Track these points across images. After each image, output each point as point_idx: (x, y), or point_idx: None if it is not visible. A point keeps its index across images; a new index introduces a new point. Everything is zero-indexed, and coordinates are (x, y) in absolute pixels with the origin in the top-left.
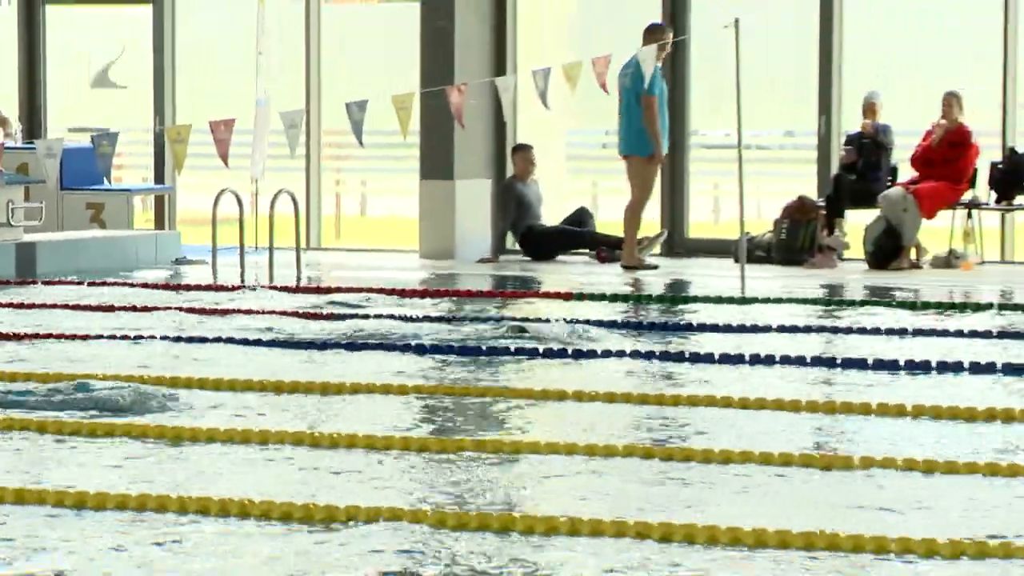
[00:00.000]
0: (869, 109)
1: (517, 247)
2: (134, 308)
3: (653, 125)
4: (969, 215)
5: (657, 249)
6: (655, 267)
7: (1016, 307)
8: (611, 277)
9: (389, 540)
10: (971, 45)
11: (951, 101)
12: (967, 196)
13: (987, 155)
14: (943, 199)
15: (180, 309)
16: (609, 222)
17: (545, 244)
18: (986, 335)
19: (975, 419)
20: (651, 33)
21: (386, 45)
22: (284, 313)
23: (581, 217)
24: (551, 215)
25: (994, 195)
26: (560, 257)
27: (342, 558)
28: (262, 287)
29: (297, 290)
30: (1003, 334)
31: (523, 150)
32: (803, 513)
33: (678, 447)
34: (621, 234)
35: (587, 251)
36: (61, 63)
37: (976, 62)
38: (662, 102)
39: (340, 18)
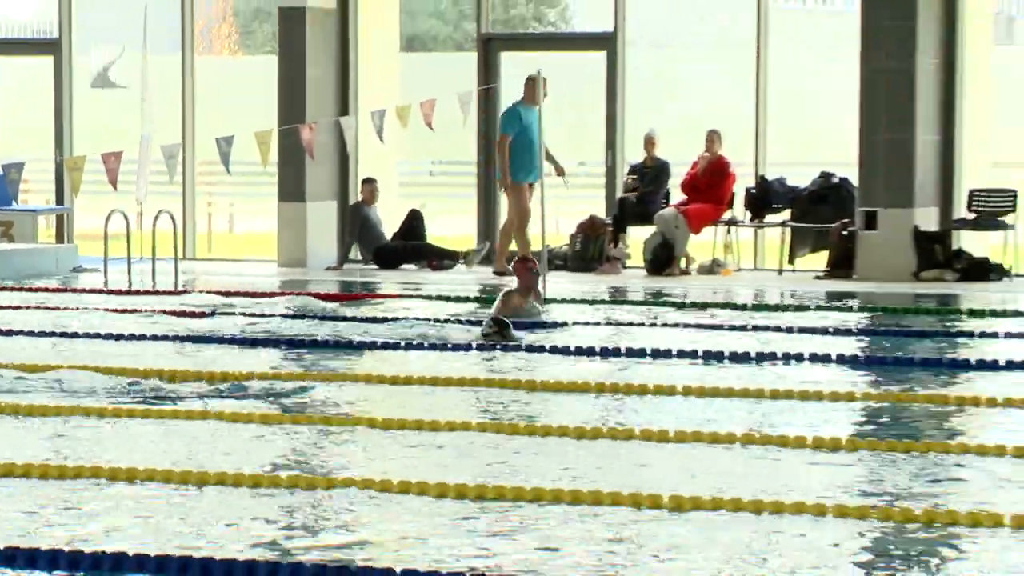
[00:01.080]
0: (649, 143)
1: (358, 257)
2: (40, 308)
3: (502, 160)
4: (728, 231)
5: (479, 260)
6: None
7: (767, 307)
8: (443, 283)
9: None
10: (729, 90)
11: (713, 137)
12: (727, 215)
13: (743, 181)
14: (707, 218)
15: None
16: (438, 237)
17: (391, 258)
18: (743, 328)
19: (732, 395)
20: (528, 84)
21: (249, 90)
22: (164, 312)
23: (413, 221)
24: (387, 230)
25: (748, 214)
26: (402, 266)
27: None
28: (146, 291)
29: (175, 292)
30: (756, 327)
31: (370, 182)
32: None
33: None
34: (456, 247)
35: (423, 261)
36: None
37: (734, 104)
38: (527, 139)
39: (211, 68)
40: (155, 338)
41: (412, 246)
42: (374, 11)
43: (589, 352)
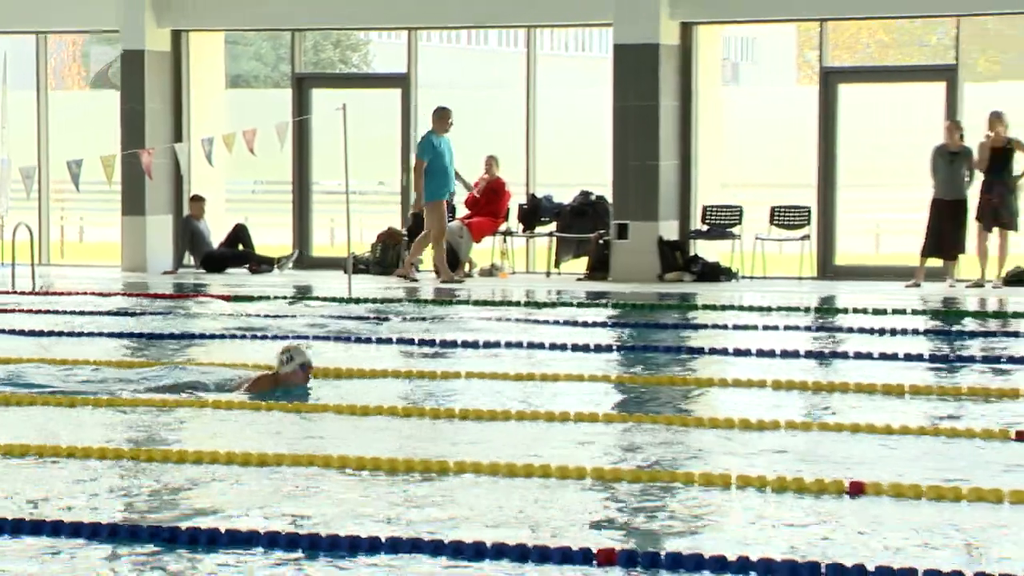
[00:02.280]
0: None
1: (191, 263)
2: None
3: (418, 180)
4: (504, 240)
5: (291, 264)
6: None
7: (536, 304)
8: (261, 285)
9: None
10: (504, 122)
11: (491, 162)
12: (503, 227)
13: (517, 198)
14: (487, 229)
15: None
16: (260, 245)
17: (218, 263)
18: (524, 320)
19: (507, 379)
20: (437, 115)
21: (96, 121)
22: (22, 310)
23: (238, 232)
24: (217, 239)
25: (521, 226)
26: (228, 271)
27: None
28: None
29: (33, 293)
30: (529, 321)
31: (197, 199)
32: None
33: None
34: (281, 254)
35: (246, 266)
36: None
37: (508, 134)
38: (441, 163)
39: (63, 102)
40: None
41: (235, 253)
42: (203, 53)
43: (391, 340)
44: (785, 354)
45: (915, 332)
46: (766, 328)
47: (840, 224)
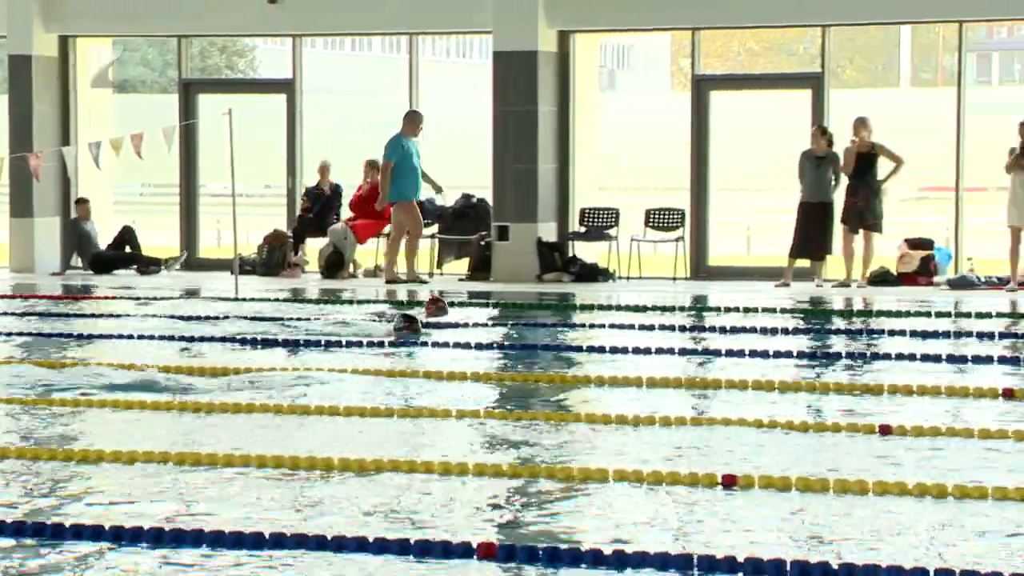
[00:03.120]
0: (323, 170)
1: (79, 264)
2: None
3: (384, 180)
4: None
5: (178, 266)
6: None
7: (421, 303)
8: (149, 287)
9: None
10: (386, 126)
11: (368, 168)
12: (387, 229)
13: None
14: (371, 231)
15: None
16: (147, 247)
17: (106, 264)
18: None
19: (391, 376)
20: (408, 118)
21: None
22: None
23: (125, 234)
24: (103, 241)
25: None
26: (116, 272)
27: None
28: None
29: None
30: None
31: (82, 202)
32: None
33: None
34: (168, 255)
35: (134, 267)
36: None
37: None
38: (409, 164)
39: None
40: None
41: (123, 254)
42: (90, 58)
43: (274, 341)
44: (660, 351)
45: (784, 331)
46: (642, 328)
47: (712, 226)
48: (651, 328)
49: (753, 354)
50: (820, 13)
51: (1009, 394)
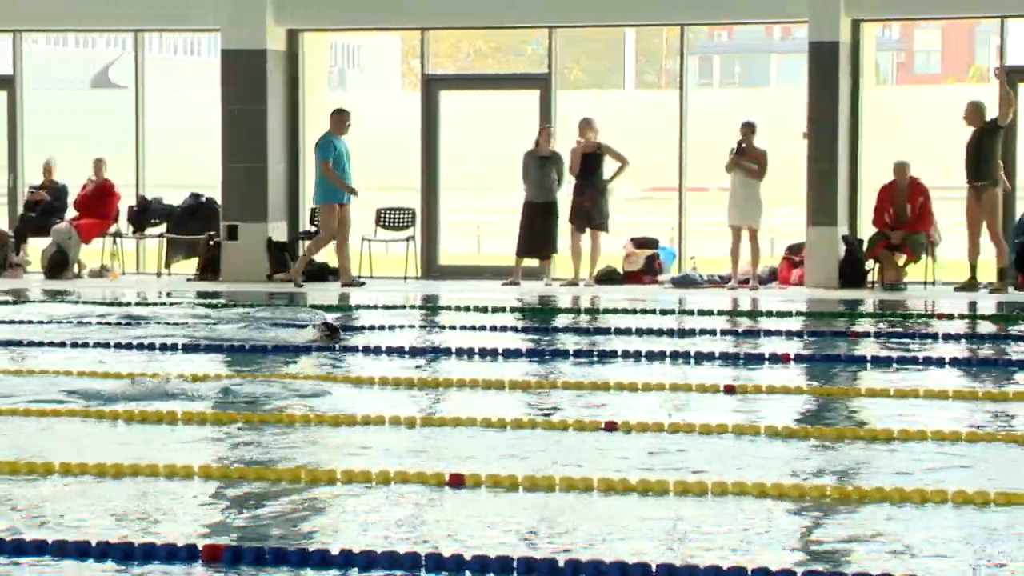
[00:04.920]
0: (46, 170)
1: None
2: None
3: (337, 179)
4: (115, 241)
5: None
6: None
7: (147, 303)
8: None
9: None
10: (111, 124)
11: (99, 164)
12: (113, 228)
13: (127, 200)
14: (96, 230)
15: None
16: None
17: None
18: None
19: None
20: (335, 116)
21: None
22: None
23: None
24: None
25: (131, 228)
26: None
27: None
28: None
29: None
30: (134, 318)
31: None
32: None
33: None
34: None
35: None
36: None
37: (116, 135)
38: (340, 165)
39: None
40: None
41: None
42: None
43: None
44: (391, 351)
45: (513, 329)
46: (372, 328)
47: (443, 225)
48: (383, 328)
49: (483, 353)
50: (546, 15)
51: (731, 389)
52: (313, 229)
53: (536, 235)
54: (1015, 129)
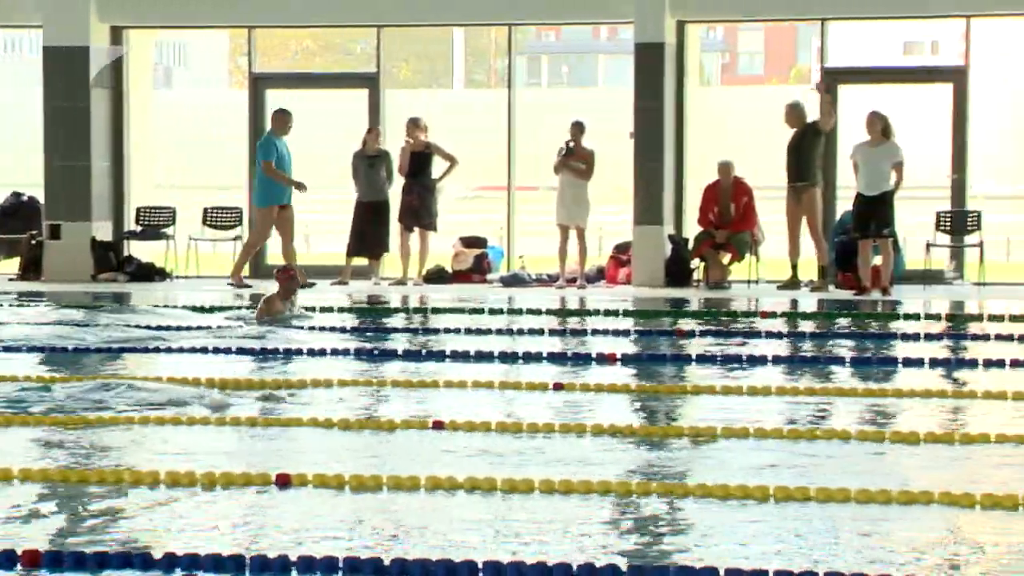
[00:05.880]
0: None
1: None
2: None
3: (281, 177)
4: None
5: None
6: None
7: None
8: None
9: None
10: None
11: None
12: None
13: None
14: None
15: None
16: None
17: None
18: None
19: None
20: (277, 116)
21: None
22: None
23: None
24: None
25: None
26: None
27: None
28: None
29: None
30: None
31: None
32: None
33: None
34: None
35: None
36: None
37: None
38: (281, 166)
39: None
40: None
41: None
42: None
43: None
44: (217, 351)
45: (343, 329)
46: (200, 328)
47: None
48: (209, 328)
49: (312, 353)
50: (374, 14)
51: (559, 387)
52: (139, 228)
53: (367, 234)
54: (836, 131)
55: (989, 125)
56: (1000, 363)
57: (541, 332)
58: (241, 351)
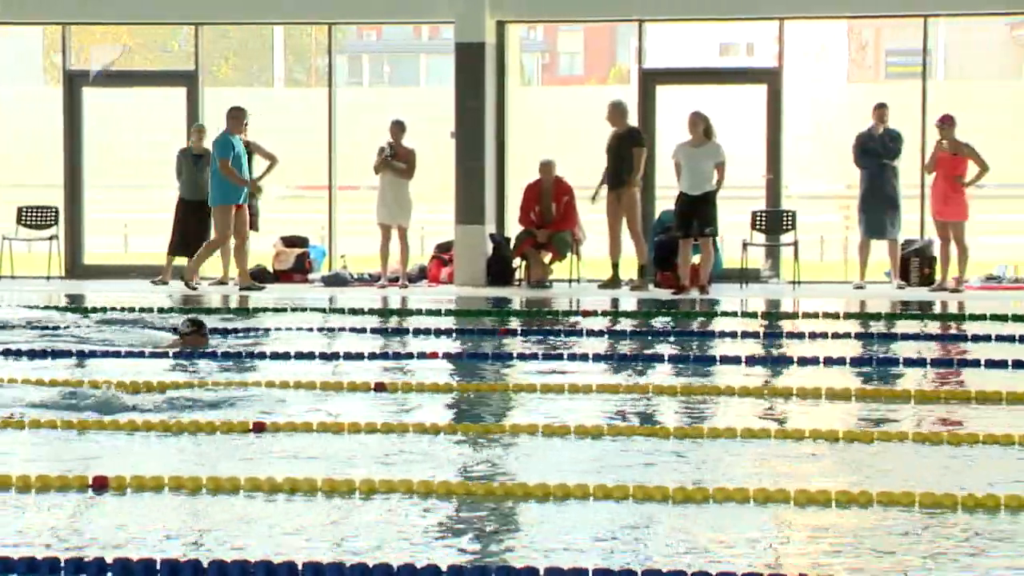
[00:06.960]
0: None
1: None
2: None
3: (237, 177)
4: None
5: None
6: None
7: None
8: None
9: None
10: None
11: None
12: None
13: None
14: None
15: None
16: None
17: None
18: None
19: None
20: (233, 115)
21: None
22: None
23: None
24: None
25: None
26: None
27: None
28: None
29: None
30: None
31: None
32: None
33: None
34: None
35: None
36: None
37: None
38: (237, 165)
39: None
40: None
41: None
42: None
43: None
44: (33, 355)
45: (162, 329)
46: (16, 326)
47: (88, 224)
48: (24, 326)
49: (129, 354)
50: (192, 11)
51: (381, 387)
52: None
53: (189, 233)
54: (654, 132)
55: (802, 125)
56: (815, 360)
57: (363, 332)
58: (55, 354)
